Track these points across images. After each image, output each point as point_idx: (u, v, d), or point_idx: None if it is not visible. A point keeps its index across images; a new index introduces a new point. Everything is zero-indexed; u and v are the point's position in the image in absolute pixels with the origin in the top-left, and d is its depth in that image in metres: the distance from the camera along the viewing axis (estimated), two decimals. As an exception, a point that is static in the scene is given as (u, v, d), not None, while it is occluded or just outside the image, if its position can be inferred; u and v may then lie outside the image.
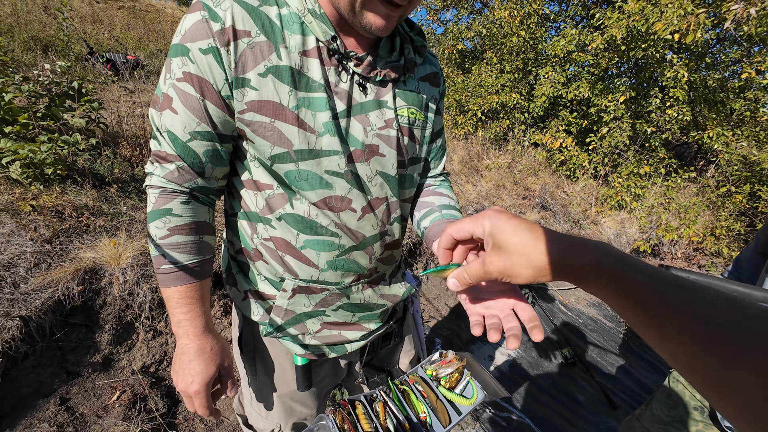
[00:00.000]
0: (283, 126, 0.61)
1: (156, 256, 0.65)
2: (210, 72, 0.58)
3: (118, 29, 5.63)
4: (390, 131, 0.69)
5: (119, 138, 2.66)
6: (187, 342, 0.66)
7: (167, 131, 0.61)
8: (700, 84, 4.12)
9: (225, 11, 0.56)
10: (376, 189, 0.70)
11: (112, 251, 1.71)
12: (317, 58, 0.61)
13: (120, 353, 1.70)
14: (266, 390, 0.85)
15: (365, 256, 0.74)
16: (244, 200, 0.72)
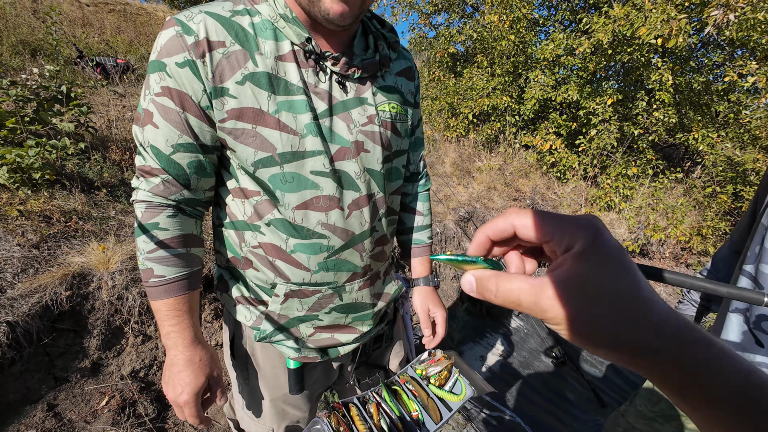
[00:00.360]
0: (264, 131, 0.62)
1: (144, 270, 0.66)
2: (187, 85, 0.59)
3: (108, 33, 5.60)
4: (373, 127, 0.70)
5: (109, 142, 2.65)
6: (176, 353, 0.67)
7: (150, 146, 0.62)
8: (685, 87, 4.21)
9: (198, 24, 0.58)
10: (364, 186, 0.71)
11: (100, 256, 1.70)
12: (293, 61, 0.63)
13: (109, 358, 1.69)
14: (259, 394, 0.86)
15: (356, 253, 0.75)
16: (230, 210, 0.72)
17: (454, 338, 2.51)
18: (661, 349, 0.21)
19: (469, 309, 2.83)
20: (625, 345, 0.21)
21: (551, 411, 2.12)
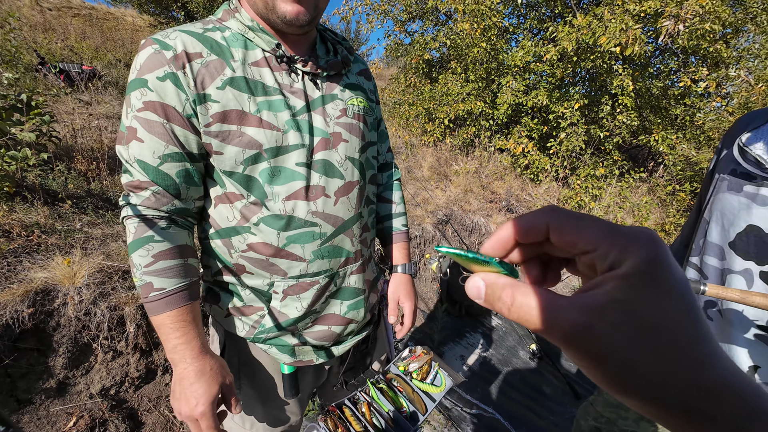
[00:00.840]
0: (249, 130, 0.66)
1: (142, 285, 0.65)
2: (171, 96, 0.62)
3: (72, 38, 5.39)
4: (347, 119, 0.76)
5: (74, 152, 2.55)
6: (185, 366, 0.66)
7: (137, 161, 0.64)
8: (645, 92, 4.47)
9: (174, 40, 0.62)
10: (348, 173, 0.76)
11: (65, 270, 1.63)
12: (267, 66, 0.68)
13: (76, 377, 1.62)
14: (251, 402, 0.86)
15: (347, 239, 0.78)
16: (214, 219, 0.74)
17: (435, 339, 2.55)
18: (714, 416, 0.16)
19: (448, 309, 2.88)
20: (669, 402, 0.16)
21: (529, 406, 2.18)
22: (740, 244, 0.72)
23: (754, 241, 0.70)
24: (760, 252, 0.69)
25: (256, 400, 0.86)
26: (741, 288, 0.71)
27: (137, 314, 1.70)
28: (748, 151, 0.72)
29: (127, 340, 1.72)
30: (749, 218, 0.70)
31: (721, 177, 0.79)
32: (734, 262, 0.74)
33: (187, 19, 8.33)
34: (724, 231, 0.76)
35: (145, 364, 1.77)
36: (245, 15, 0.68)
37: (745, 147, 0.72)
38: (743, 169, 0.73)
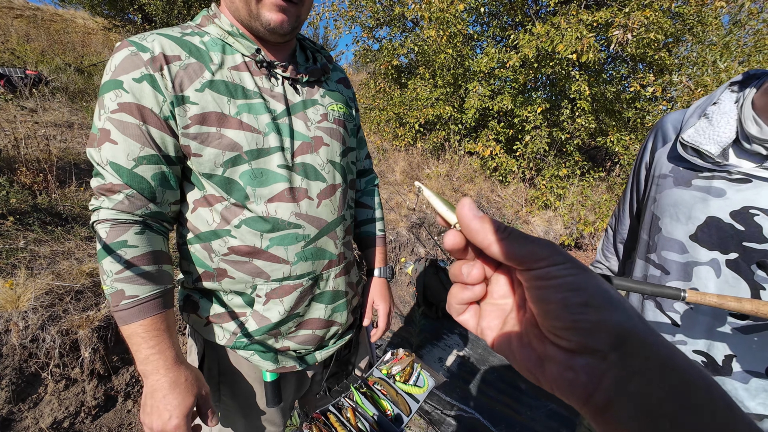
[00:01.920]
0: (229, 132, 0.65)
1: (112, 293, 0.62)
2: (147, 98, 0.61)
3: (14, 40, 4.98)
4: (328, 124, 0.77)
5: (17, 163, 2.34)
6: (158, 378, 0.62)
7: (109, 163, 0.62)
8: (600, 96, 4.76)
9: (152, 42, 0.62)
10: (330, 176, 0.76)
11: (8, 294, 1.48)
12: (247, 70, 0.68)
13: (23, 410, 1.46)
14: (232, 414, 0.83)
15: (330, 241, 0.78)
16: (193, 224, 0.72)
17: (413, 343, 2.55)
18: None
19: (425, 312, 2.89)
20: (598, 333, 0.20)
21: (507, 403, 2.22)
22: (702, 235, 0.74)
23: (716, 231, 0.72)
24: (723, 241, 0.72)
25: (237, 412, 0.83)
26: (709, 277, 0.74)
27: (93, 337, 1.57)
28: (688, 145, 0.75)
29: (82, 366, 1.58)
30: (708, 210, 0.72)
31: (661, 174, 0.81)
32: (699, 254, 0.75)
33: (144, 22, 7.96)
34: (682, 225, 0.77)
35: (104, 391, 1.64)
36: (225, 20, 0.68)
37: (686, 142, 0.75)
38: (687, 164, 0.76)
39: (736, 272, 0.71)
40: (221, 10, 0.70)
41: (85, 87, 4.37)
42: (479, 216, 0.24)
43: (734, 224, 0.70)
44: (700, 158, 0.73)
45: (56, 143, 2.86)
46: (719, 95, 0.76)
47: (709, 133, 0.72)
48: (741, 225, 0.69)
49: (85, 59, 5.23)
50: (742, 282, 0.71)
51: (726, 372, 0.75)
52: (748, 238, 0.68)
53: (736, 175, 0.70)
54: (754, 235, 0.68)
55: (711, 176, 0.73)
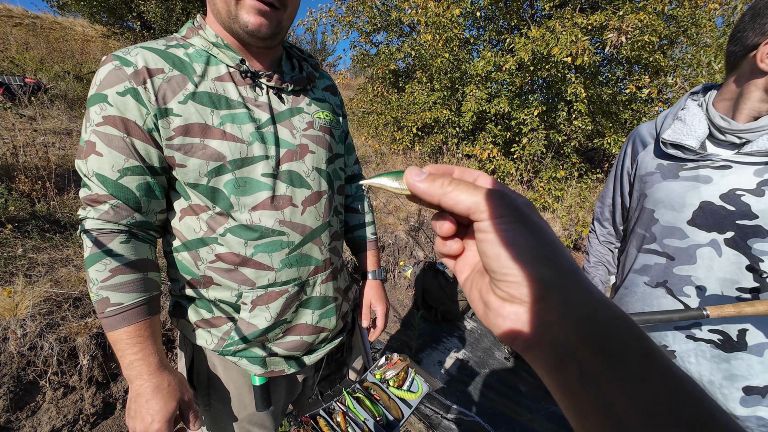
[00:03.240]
0: (213, 142, 0.66)
1: (98, 300, 0.64)
2: (131, 111, 0.62)
3: (13, 49, 5.01)
4: (313, 131, 0.78)
5: (15, 171, 2.34)
6: (141, 383, 0.64)
7: (95, 174, 0.63)
8: (596, 98, 4.79)
9: (135, 56, 0.63)
10: (315, 183, 0.77)
11: (6, 301, 1.48)
12: (231, 81, 0.69)
13: (21, 419, 1.46)
14: (221, 419, 0.84)
15: (315, 247, 0.79)
16: (180, 232, 0.73)
17: (412, 346, 2.54)
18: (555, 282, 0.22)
19: (424, 316, 2.89)
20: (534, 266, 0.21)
21: (507, 405, 2.22)
22: (699, 219, 0.82)
23: (710, 214, 0.80)
24: (718, 222, 0.79)
25: (227, 416, 0.83)
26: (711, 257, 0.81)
27: (91, 344, 1.57)
28: (669, 143, 0.86)
29: (80, 374, 1.58)
30: (700, 196, 0.80)
31: (647, 173, 0.90)
32: (699, 237, 0.82)
33: (143, 29, 8.00)
34: (678, 213, 0.84)
35: (102, 398, 1.63)
36: (210, 31, 0.69)
37: (667, 140, 0.86)
38: (671, 159, 0.87)
39: (735, 249, 0.78)
40: (207, 21, 0.72)
41: (84, 94, 4.38)
42: (423, 177, 0.26)
43: (725, 206, 0.78)
44: (682, 152, 0.84)
45: (55, 151, 2.87)
46: (684, 102, 0.89)
47: (686, 130, 0.84)
48: (731, 206, 0.77)
49: (84, 67, 5.26)
50: (742, 257, 0.77)
51: (742, 347, 0.80)
52: (739, 216, 0.76)
53: (719, 163, 0.79)
54: (745, 213, 0.76)
55: (696, 166, 0.82)
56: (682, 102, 0.90)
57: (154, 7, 7.21)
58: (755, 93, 0.75)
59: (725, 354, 0.82)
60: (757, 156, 0.75)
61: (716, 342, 0.83)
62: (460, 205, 0.24)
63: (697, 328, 0.85)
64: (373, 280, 1.02)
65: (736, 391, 0.81)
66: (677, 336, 0.88)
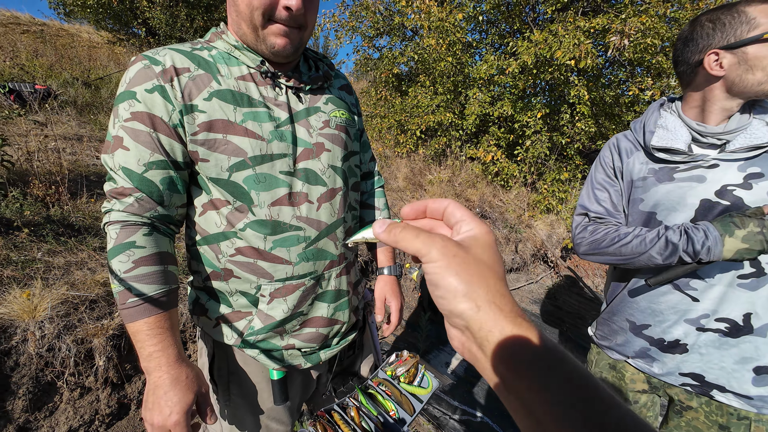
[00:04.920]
0: (235, 138, 0.69)
1: (120, 291, 0.65)
2: (158, 107, 0.65)
3: (23, 56, 5.09)
4: (330, 130, 0.80)
5: (29, 176, 2.39)
6: (160, 374, 0.65)
7: (121, 168, 0.66)
8: (599, 100, 4.81)
9: (164, 57, 0.66)
10: (330, 180, 0.79)
11: (25, 304, 1.52)
12: (252, 81, 0.72)
13: (39, 419, 1.49)
14: (241, 413, 0.86)
15: (331, 242, 0.81)
16: (202, 226, 0.76)
17: (420, 348, 2.56)
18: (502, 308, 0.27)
19: (431, 318, 2.91)
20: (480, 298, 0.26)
21: (514, 407, 2.22)
22: (701, 216, 0.87)
23: (710, 211, 0.86)
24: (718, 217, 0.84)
25: (246, 410, 0.86)
26: None
27: (107, 346, 1.60)
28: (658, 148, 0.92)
29: (96, 375, 1.60)
30: (698, 195, 0.87)
31: (640, 178, 0.96)
32: None
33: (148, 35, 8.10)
34: (680, 213, 0.90)
35: (117, 399, 1.66)
36: (231, 37, 0.73)
37: (657, 146, 0.92)
38: (663, 163, 0.92)
39: None
40: (229, 27, 0.75)
41: (93, 100, 4.45)
42: (383, 229, 0.32)
43: (720, 201, 0.84)
44: (671, 155, 0.90)
45: (66, 156, 2.91)
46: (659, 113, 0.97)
47: (670, 136, 0.91)
48: (725, 200, 0.84)
49: (92, 73, 5.33)
50: None
51: (748, 330, 0.85)
52: (734, 209, 0.83)
53: (710, 162, 0.86)
54: (739, 205, 0.83)
55: (689, 168, 0.88)
56: (654, 113, 0.98)
57: (159, 13, 7.30)
58: (719, 94, 0.85)
59: (733, 340, 0.86)
60: (738, 153, 0.83)
61: (724, 330, 0.86)
62: (409, 249, 0.29)
63: (705, 319, 0.88)
64: (389, 275, 1.03)
65: (747, 372, 0.85)
66: (689, 330, 0.91)
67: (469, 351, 0.28)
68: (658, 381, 0.99)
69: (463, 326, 0.27)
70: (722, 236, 0.78)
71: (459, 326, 0.27)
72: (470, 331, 0.27)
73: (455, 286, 0.27)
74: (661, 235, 0.86)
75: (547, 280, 3.98)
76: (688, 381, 0.93)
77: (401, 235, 0.30)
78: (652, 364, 0.98)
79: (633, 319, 1.00)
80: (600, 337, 1.13)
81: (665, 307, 0.93)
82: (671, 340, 0.93)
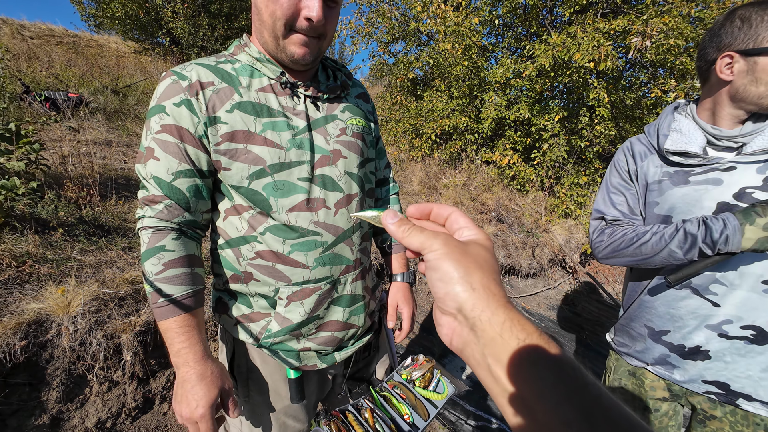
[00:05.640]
0: (255, 148, 0.73)
1: (152, 292, 0.70)
2: (185, 119, 0.69)
3: (57, 66, 5.37)
4: (346, 137, 0.83)
5: (63, 179, 2.52)
6: (187, 370, 0.70)
7: (152, 177, 0.70)
8: (619, 103, 4.71)
9: (190, 72, 0.70)
10: (346, 186, 0.82)
11: (59, 299, 1.60)
12: (272, 92, 0.75)
13: (70, 410, 1.56)
14: (259, 410, 0.89)
15: (347, 247, 0.83)
16: (224, 230, 0.80)
17: (435, 352, 2.55)
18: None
19: (446, 322, 2.89)
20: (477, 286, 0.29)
21: (532, 414, 2.18)
22: None
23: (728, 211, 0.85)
24: None
25: (264, 408, 0.88)
26: None
27: (134, 342, 1.67)
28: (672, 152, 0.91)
29: (123, 369, 1.67)
30: (715, 198, 0.86)
31: (654, 181, 0.95)
32: None
33: (171, 44, 8.42)
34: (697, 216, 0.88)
35: (143, 393, 1.72)
36: (254, 49, 0.76)
37: (671, 150, 0.91)
38: (678, 166, 0.91)
39: None
40: (252, 39, 0.79)
41: (120, 107, 4.65)
42: (395, 221, 0.35)
43: (738, 203, 0.83)
44: (685, 159, 0.90)
45: (97, 160, 3.06)
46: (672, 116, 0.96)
47: (684, 140, 0.90)
48: (744, 203, 0.82)
49: (120, 81, 5.58)
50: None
51: None
52: None
53: (726, 165, 0.84)
54: None
55: (704, 171, 0.87)
56: (667, 116, 0.97)
57: (182, 23, 7.60)
58: (725, 99, 0.85)
59: (760, 347, 0.83)
60: (757, 155, 0.82)
61: (749, 338, 0.84)
62: (413, 246, 0.32)
63: (728, 325, 0.86)
64: (401, 282, 1.05)
65: None
66: (710, 336, 0.88)
67: (459, 335, 0.29)
68: (680, 388, 0.97)
69: (456, 309, 0.29)
70: (742, 225, 0.75)
71: (451, 310, 0.29)
72: (463, 314, 0.28)
73: (453, 269, 0.29)
74: (680, 227, 0.85)
75: (565, 286, 3.90)
76: (712, 389, 0.90)
77: (409, 231, 0.33)
78: (673, 371, 0.96)
79: (651, 324, 0.98)
80: (618, 344, 1.10)
81: (684, 312, 0.91)
82: (692, 346, 0.91)
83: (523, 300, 3.53)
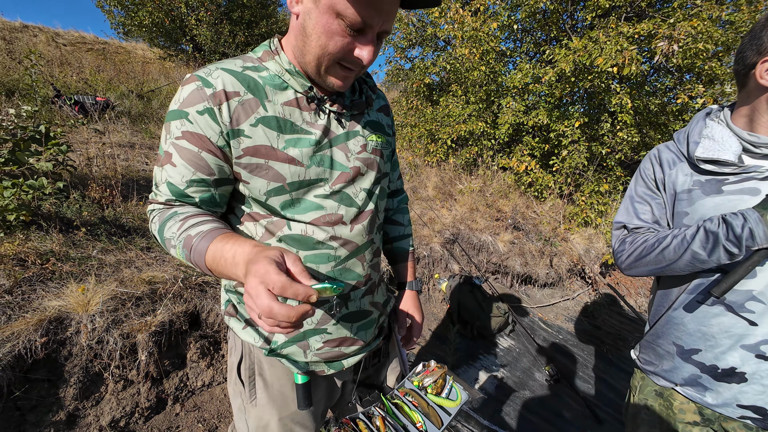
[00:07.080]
0: (276, 164, 0.71)
1: (183, 242, 0.63)
2: (206, 128, 0.67)
3: (87, 71, 5.61)
4: (366, 154, 0.81)
5: (88, 180, 2.60)
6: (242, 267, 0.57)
7: (166, 182, 0.70)
8: (643, 109, 4.56)
9: (216, 79, 0.68)
10: (363, 203, 0.81)
11: (79, 298, 1.63)
12: (297, 106, 0.73)
13: (86, 408, 1.58)
14: (266, 414, 0.87)
15: (359, 263, 0.82)
16: (242, 233, 0.79)
17: (448, 362, 2.49)
18: None
19: (460, 331, 2.83)
20: None
21: (548, 430, 2.10)
22: None
23: None
24: None
25: (272, 412, 0.87)
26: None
27: (149, 342, 1.69)
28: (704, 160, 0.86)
29: (138, 369, 1.69)
30: None
31: (684, 190, 0.90)
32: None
33: (194, 51, 8.69)
34: None
35: (156, 394, 1.73)
36: (284, 58, 0.72)
37: (702, 158, 0.86)
38: (710, 175, 0.87)
39: None
40: (285, 46, 0.74)
41: (144, 111, 4.81)
42: None
43: None
44: (718, 167, 0.84)
45: (120, 161, 3.15)
46: (704, 122, 0.91)
47: (717, 147, 0.85)
48: None
49: (144, 86, 5.77)
50: None
51: None
52: None
53: (764, 174, 0.80)
54: None
55: (740, 180, 0.82)
56: (698, 122, 0.92)
57: (205, 30, 7.84)
58: (764, 106, 0.80)
59: None
60: None
61: None
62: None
63: (766, 345, 0.80)
64: (409, 290, 1.06)
65: None
66: (746, 356, 0.82)
67: None
68: (712, 413, 0.90)
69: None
70: (763, 216, 0.71)
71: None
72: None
73: None
74: (700, 226, 0.80)
75: (585, 297, 3.76)
76: (748, 414, 0.83)
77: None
78: (705, 394, 0.89)
79: (681, 342, 0.92)
80: (644, 362, 1.04)
81: (717, 330, 0.85)
82: (726, 367, 0.84)
83: (540, 310, 3.42)
